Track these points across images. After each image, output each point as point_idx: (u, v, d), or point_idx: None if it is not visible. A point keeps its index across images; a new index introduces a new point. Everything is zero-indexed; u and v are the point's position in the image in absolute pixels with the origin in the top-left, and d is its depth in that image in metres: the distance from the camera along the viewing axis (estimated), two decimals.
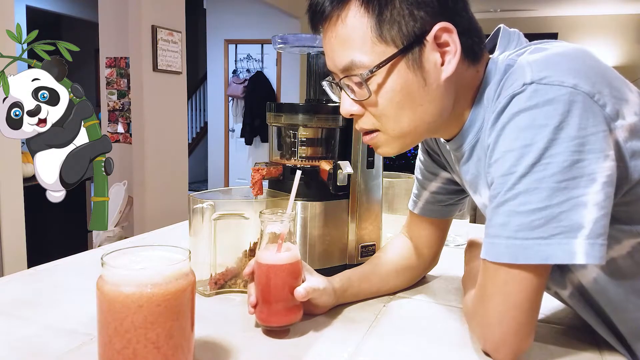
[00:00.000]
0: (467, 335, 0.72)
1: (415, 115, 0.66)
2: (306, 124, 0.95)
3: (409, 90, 0.65)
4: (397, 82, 0.64)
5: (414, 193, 0.92)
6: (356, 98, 0.68)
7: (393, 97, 0.65)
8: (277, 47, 1.00)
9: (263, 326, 0.74)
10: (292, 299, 0.72)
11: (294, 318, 0.73)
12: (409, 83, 0.64)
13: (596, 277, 0.65)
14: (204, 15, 6.83)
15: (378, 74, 0.64)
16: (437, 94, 0.66)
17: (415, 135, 0.69)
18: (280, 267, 0.71)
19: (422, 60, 0.64)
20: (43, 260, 1.01)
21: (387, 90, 0.65)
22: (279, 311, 0.72)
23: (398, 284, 0.90)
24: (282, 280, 0.71)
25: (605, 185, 0.55)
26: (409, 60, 0.64)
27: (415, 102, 0.65)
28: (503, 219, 0.58)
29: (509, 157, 0.58)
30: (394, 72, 0.64)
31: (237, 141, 6.78)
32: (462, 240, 1.23)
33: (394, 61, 0.64)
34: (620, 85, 0.59)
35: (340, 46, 0.66)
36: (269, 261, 0.71)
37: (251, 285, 0.75)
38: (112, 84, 3.61)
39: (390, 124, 0.67)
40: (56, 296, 0.85)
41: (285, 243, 0.72)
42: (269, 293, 0.72)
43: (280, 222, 0.72)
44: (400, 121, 0.67)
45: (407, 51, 0.63)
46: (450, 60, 0.64)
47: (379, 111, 0.67)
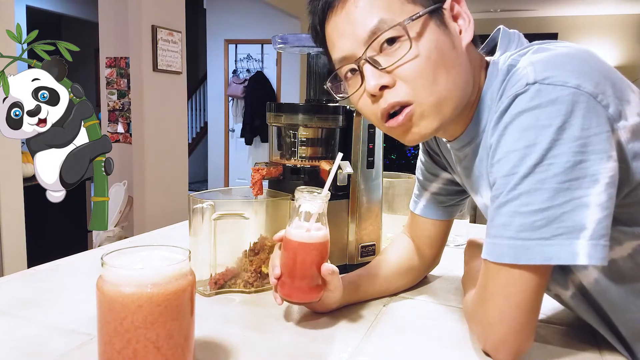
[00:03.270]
0: (467, 335, 0.72)
1: (450, 77, 0.64)
2: (306, 124, 0.95)
3: (441, 49, 0.64)
4: (431, 38, 0.64)
5: (415, 194, 0.92)
6: (385, 65, 0.64)
7: (430, 54, 0.63)
8: (277, 47, 1.00)
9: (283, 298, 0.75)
10: (316, 277, 0.73)
11: (314, 297, 0.74)
12: (441, 41, 0.64)
13: (597, 279, 0.65)
14: (204, 15, 6.83)
15: (414, 26, 0.63)
16: (463, 60, 0.66)
17: (451, 105, 0.66)
18: (311, 245, 0.72)
19: (447, 24, 0.66)
20: (43, 260, 1.01)
21: (425, 44, 0.63)
22: (302, 287, 0.73)
23: (400, 285, 0.90)
24: (310, 257, 0.72)
25: (608, 186, 0.55)
26: (437, 21, 0.65)
27: (449, 63, 0.65)
28: (505, 219, 0.58)
29: (511, 157, 0.58)
30: (427, 29, 0.64)
31: (237, 141, 6.78)
32: (462, 240, 1.23)
33: (425, 18, 0.64)
34: (623, 86, 0.59)
35: (366, 12, 0.64)
36: (301, 238, 0.72)
37: (275, 257, 0.76)
38: (112, 84, 3.61)
39: (427, 87, 0.64)
40: (56, 296, 0.85)
41: (317, 223, 0.73)
42: (295, 269, 0.73)
43: (315, 201, 0.73)
44: (437, 82, 0.64)
45: (434, 12, 0.65)
46: (467, 29, 0.67)
47: (415, 71, 0.63)
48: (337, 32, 0.68)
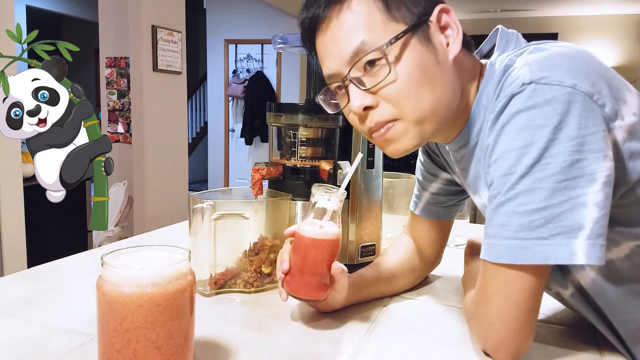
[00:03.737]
0: (467, 335, 0.72)
1: (434, 94, 0.65)
2: (306, 124, 0.95)
3: (425, 66, 0.64)
4: (413, 58, 0.64)
5: (415, 194, 0.93)
6: (369, 86, 0.65)
7: (412, 74, 0.64)
8: (277, 47, 1.00)
9: (289, 293, 0.75)
10: (325, 275, 0.73)
11: (322, 295, 0.74)
12: (424, 59, 0.64)
13: (594, 279, 0.65)
14: (204, 15, 6.83)
15: (394, 49, 0.63)
16: (449, 74, 0.66)
17: (435, 121, 0.66)
18: (324, 242, 0.72)
19: (431, 39, 0.65)
20: (43, 260, 1.01)
21: (405, 65, 0.64)
22: (310, 284, 0.73)
23: (402, 285, 0.91)
24: (322, 254, 0.72)
25: (605, 185, 0.55)
26: (420, 37, 0.64)
27: (433, 79, 0.65)
28: (503, 219, 0.58)
29: (508, 157, 0.58)
30: (408, 48, 0.64)
31: (237, 141, 6.78)
32: (462, 240, 1.23)
33: (407, 37, 0.64)
34: (619, 85, 0.59)
35: (348, 34, 0.65)
36: (314, 234, 0.72)
37: (284, 251, 0.76)
38: (112, 84, 3.61)
39: (411, 104, 0.65)
40: (56, 296, 0.85)
41: (330, 221, 0.73)
42: (306, 265, 0.72)
43: (332, 199, 0.73)
44: (421, 100, 0.65)
45: (417, 28, 0.64)
46: (455, 40, 0.66)
47: (397, 91, 0.64)
48: (324, 50, 0.69)
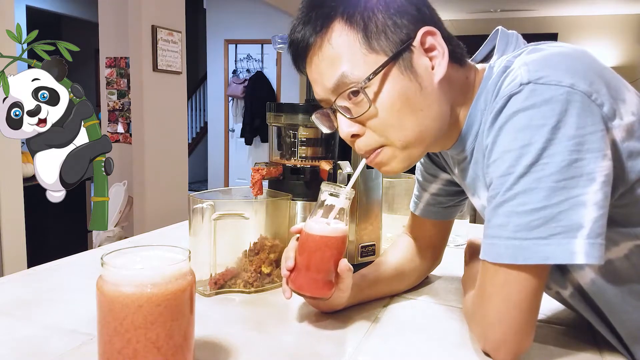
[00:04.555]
0: (467, 335, 0.72)
1: (418, 121, 0.66)
2: (306, 124, 0.95)
3: (406, 96, 0.65)
4: (394, 89, 0.64)
5: (415, 194, 0.93)
6: (354, 115, 0.67)
7: (393, 105, 0.65)
8: (277, 47, 1.00)
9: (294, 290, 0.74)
10: (331, 272, 0.73)
11: (327, 293, 0.74)
12: (405, 89, 0.65)
13: (593, 279, 0.65)
14: (204, 15, 6.83)
15: (374, 83, 0.64)
16: (434, 98, 0.66)
17: (422, 144, 0.68)
18: (332, 239, 0.72)
19: (414, 65, 0.65)
20: (43, 260, 1.01)
21: (386, 97, 0.65)
22: (316, 281, 0.72)
23: (403, 286, 0.90)
24: (330, 251, 0.72)
25: (604, 184, 0.55)
26: (402, 67, 0.64)
27: (415, 107, 0.65)
28: (502, 219, 0.58)
29: (507, 157, 0.58)
30: (389, 79, 0.64)
31: (237, 141, 6.78)
32: (462, 240, 1.23)
33: (387, 68, 0.64)
34: (617, 84, 0.59)
35: (330, 66, 0.66)
36: (322, 232, 0.72)
37: (290, 249, 0.76)
38: (112, 84, 3.61)
39: (396, 133, 0.66)
40: (56, 296, 0.85)
41: (336, 219, 0.73)
42: (312, 262, 0.72)
43: (340, 197, 0.73)
44: (404, 128, 0.66)
45: (398, 57, 0.64)
46: (440, 62, 0.65)
47: (381, 123, 0.66)
48: (311, 77, 0.71)
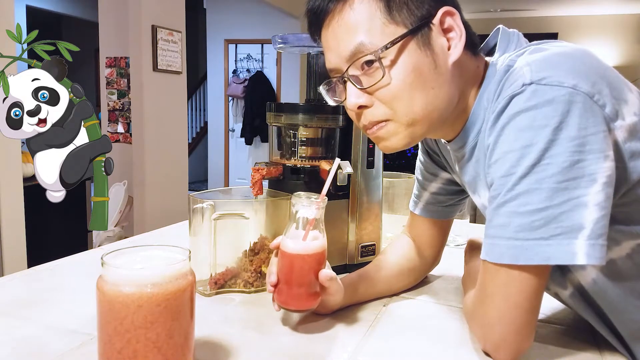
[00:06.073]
0: (467, 335, 0.72)
1: (427, 99, 0.65)
2: (306, 124, 0.95)
3: (420, 71, 0.64)
4: (409, 62, 0.64)
5: (415, 194, 0.92)
6: (364, 86, 0.66)
7: (406, 77, 0.64)
8: (277, 47, 1.00)
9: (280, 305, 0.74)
10: (314, 284, 0.72)
11: (312, 304, 0.73)
12: (420, 63, 0.64)
13: (595, 279, 0.65)
14: (204, 15, 6.83)
15: (390, 53, 0.64)
16: (446, 79, 0.66)
17: (426, 124, 0.67)
18: (307, 256, 0.71)
19: (431, 43, 0.65)
20: (43, 260, 1.01)
21: (400, 69, 0.64)
22: (299, 295, 0.72)
23: (401, 285, 0.90)
24: (308, 266, 0.72)
25: (606, 185, 0.55)
26: (419, 41, 0.64)
27: (427, 84, 0.65)
28: (503, 219, 0.58)
29: (508, 157, 0.58)
30: (405, 52, 0.64)
31: (237, 141, 6.78)
32: (462, 240, 1.23)
33: (405, 40, 0.64)
34: (620, 85, 0.59)
35: (348, 32, 0.65)
36: (296, 250, 0.71)
37: (273, 263, 0.76)
38: (112, 84, 3.61)
39: (404, 107, 0.65)
40: (56, 296, 0.85)
41: (313, 231, 0.72)
42: (292, 277, 0.72)
43: (312, 208, 0.72)
44: (413, 104, 0.65)
45: (417, 32, 0.64)
46: (457, 44, 0.66)
47: (391, 94, 0.65)
48: (326, 44, 0.70)
